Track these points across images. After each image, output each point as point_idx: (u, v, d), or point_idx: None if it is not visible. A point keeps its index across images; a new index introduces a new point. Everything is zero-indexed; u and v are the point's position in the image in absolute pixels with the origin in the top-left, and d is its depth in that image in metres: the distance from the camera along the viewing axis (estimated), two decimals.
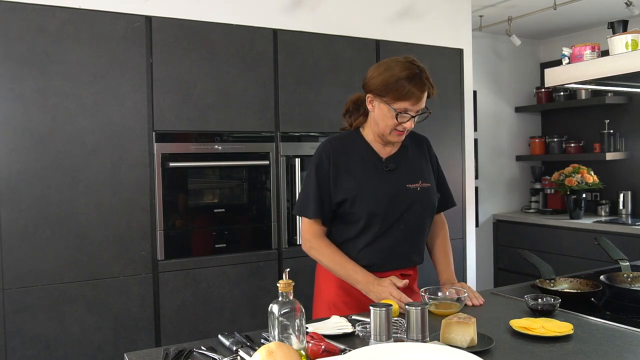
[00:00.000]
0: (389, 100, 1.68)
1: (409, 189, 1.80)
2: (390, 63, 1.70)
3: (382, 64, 1.72)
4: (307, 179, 1.82)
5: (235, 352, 1.32)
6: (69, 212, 2.34)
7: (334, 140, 1.84)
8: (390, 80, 1.66)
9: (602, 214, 4.29)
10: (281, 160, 2.81)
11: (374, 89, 1.71)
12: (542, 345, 1.35)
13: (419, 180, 1.82)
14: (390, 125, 1.72)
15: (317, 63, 2.91)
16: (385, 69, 1.69)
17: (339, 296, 1.81)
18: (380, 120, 1.74)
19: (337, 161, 1.78)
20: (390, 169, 1.80)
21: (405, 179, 1.81)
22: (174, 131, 2.55)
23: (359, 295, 1.76)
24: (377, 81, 1.70)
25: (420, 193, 1.81)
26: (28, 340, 2.27)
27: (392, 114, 1.69)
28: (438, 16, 3.46)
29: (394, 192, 1.77)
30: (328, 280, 1.84)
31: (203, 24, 2.62)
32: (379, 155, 1.82)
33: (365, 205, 1.75)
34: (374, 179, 1.78)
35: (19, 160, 2.26)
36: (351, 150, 1.81)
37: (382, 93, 1.69)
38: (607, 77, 1.97)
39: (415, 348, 1.17)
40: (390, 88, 1.67)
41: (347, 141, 1.83)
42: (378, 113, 1.73)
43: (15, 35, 2.24)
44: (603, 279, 1.86)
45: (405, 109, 1.69)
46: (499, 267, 4.63)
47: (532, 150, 4.79)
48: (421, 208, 1.82)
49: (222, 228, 2.66)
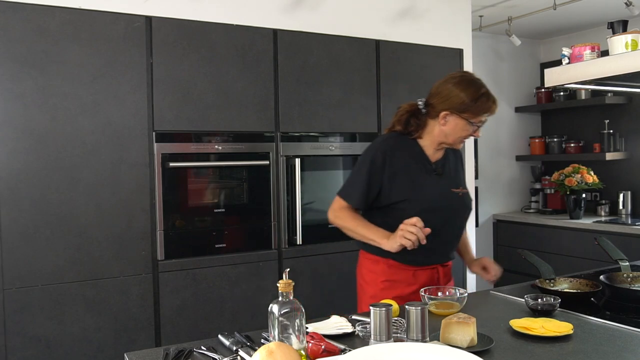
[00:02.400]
0: (469, 116, 1.84)
1: (453, 193, 1.94)
2: (462, 84, 1.85)
3: (453, 88, 1.85)
4: (358, 168, 1.92)
5: (235, 352, 1.32)
6: (69, 212, 2.34)
7: (391, 139, 1.95)
8: (470, 100, 1.83)
9: (602, 214, 4.29)
10: (281, 160, 2.81)
11: (453, 107, 1.84)
12: (542, 345, 1.35)
13: (459, 186, 1.98)
14: (463, 136, 1.89)
15: (317, 63, 2.91)
16: (461, 90, 1.84)
17: (383, 290, 1.90)
18: (452, 133, 1.88)
19: (393, 160, 1.89)
20: (438, 173, 1.94)
21: (451, 183, 1.95)
22: (174, 131, 2.55)
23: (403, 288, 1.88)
24: (456, 101, 1.84)
25: (462, 198, 1.96)
26: (28, 340, 2.27)
27: (469, 127, 1.86)
28: (438, 16, 3.46)
29: (443, 195, 1.91)
30: (372, 274, 1.95)
31: (203, 24, 2.62)
32: (429, 160, 1.94)
33: (417, 205, 1.85)
34: (426, 181, 1.90)
35: (19, 160, 2.26)
36: (406, 151, 1.93)
37: (463, 110, 1.84)
38: (607, 77, 1.97)
39: (415, 348, 1.17)
40: (471, 106, 1.83)
41: (403, 143, 1.95)
42: (452, 127, 1.87)
43: (15, 35, 2.24)
44: (603, 279, 1.86)
45: (480, 121, 1.87)
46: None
47: (532, 150, 4.79)
48: (463, 211, 1.97)
49: (222, 228, 2.66)
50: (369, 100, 3.07)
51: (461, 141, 1.92)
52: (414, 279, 1.90)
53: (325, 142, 2.95)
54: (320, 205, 2.95)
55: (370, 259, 1.95)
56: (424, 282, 1.90)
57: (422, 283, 1.90)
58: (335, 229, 1.97)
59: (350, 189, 1.92)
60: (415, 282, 1.89)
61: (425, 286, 1.85)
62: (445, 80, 1.90)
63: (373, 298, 1.90)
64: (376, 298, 1.87)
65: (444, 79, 1.92)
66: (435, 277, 1.94)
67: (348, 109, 3.00)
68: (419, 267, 1.90)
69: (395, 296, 1.84)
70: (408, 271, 1.90)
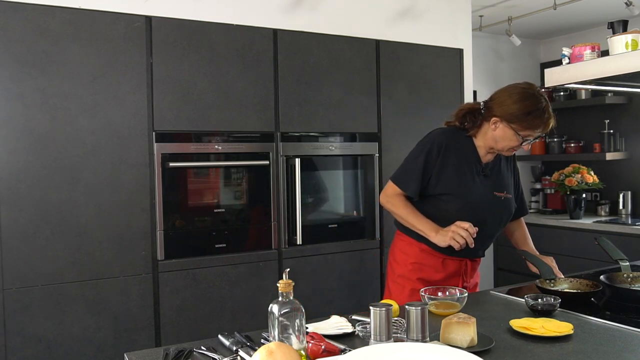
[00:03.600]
0: (518, 128, 1.86)
1: (495, 196, 1.99)
2: (522, 95, 1.86)
3: (513, 95, 1.87)
4: (414, 157, 1.98)
5: (235, 352, 1.32)
6: (69, 212, 2.34)
7: (449, 133, 2.00)
8: (523, 112, 1.84)
9: (602, 214, 4.29)
10: (281, 160, 2.81)
11: (503, 115, 1.87)
12: (542, 345, 1.35)
13: (504, 191, 2.03)
14: (511, 146, 1.91)
15: (317, 63, 2.91)
16: (518, 99, 1.85)
17: (411, 272, 2.00)
18: (501, 140, 1.91)
19: (446, 154, 1.95)
20: (485, 175, 1.99)
21: (495, 186, 2.01)
22: (174, 131, 2.55)
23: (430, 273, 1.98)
24: (509, 110, 1.86)
25: (504, 202, 2.02)
26: (28, 340, 2.27)
27: (516, 138, 1.88)
28: (438, 16, 3.46)
29: (485, 196, 1.97)
30: (403, 255, 2.04)
31: (203, 24, 2.62)
32: (481, 160, 2.00)
33: (459, 200, 1.93)
34: (472, 180, 1.96)
35: (19, 160, 2.26)
36: (460, 147, 1.98)
37: (512, 121, 1.86)
38: (607, 77, 1.97)
39: (415, 348, 1.17)
40: (521, 119, 1.85)
41: (459, 138, 2.00)
42: (501, 134, 1.91)
43: (15, 35, 2.24)
44: (603, 279, 1.86)
45: (529, 136, 1.88)
46: (499, 267, 4.62)
47: (532, 150, 4.78)
48: (501, 215, 2.03)
49: (222, 228, 2.66)
50: (369, 100, 3.07)
51: (510, 150, 1.94)
52: (442, 266, 1.99)
53: (325, 142, 2.95)
54: (320, 205, 2.95)
55: (405, 240, 2.04)
56: (451, 272, 2.00)
57: (450, 272, 1.99)
58: (336, 229, 1.98)
59: (406, 177, 1.98)
60: (443, 270, 1.99)
61: (452, 275, 1.99)
62: (508, 86, 1.94)
63: (401, 277, 2.02)
64: (403, 277, 2.01)
65: (508, 85, 1.94)
66: (463, 270, 2.02)
67: (348, 109, 3.00)
68: (449, 257, 1.98)
69: (421, 278, 1.98)
70: (438, 258, 1.99)
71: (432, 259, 1.99)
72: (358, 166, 3.07)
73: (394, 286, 2.06)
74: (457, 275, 2.01)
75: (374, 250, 3.08)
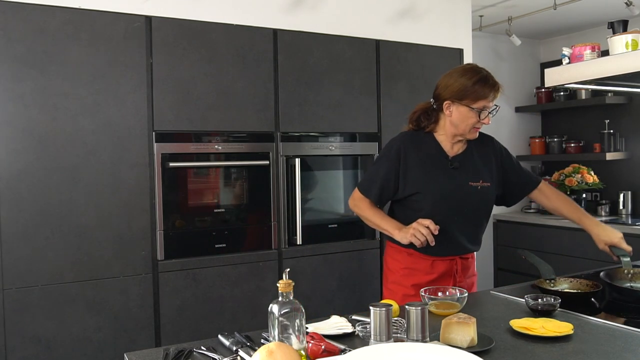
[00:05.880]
0: (469, 102, 1.90)
1: (470, 186, 1.99)
2: (461, 71, 1.94)
3: (452, 74, 1.95)
4: (377, 163, 2.06)
5: (235, 352, 1.32)
6: (69, 212, 2.34)
7: (406, 136, 2.05)
8: (467, 84, 1.89)
9: (602, 214, 4.29)
10: (281, 160, 2.81)
11: (451, 96, 1.92)
12: (542, 345, 1.35)
13: (479, 180, 2.01)
14: (471, 124, 1.93)
15: (317, 63, 2.91)
16: (458, 76, 1.92)
17: (403, 277, 2.03)
18: (460, 122, 1.94)
19: (407, 155, 1.99)
20: (454, 167, 1.99)
21: (468, 177, 2.00)
22: (174, 131, 2.55)
23: (421, 277, 1.99)
24: (454, 88, 1.92)
25: (480, 191, 2.00)
26: (28, 340, 2.27)
27: (472, 114, 1.91)
28: (438, 16, 3.46)
29: (458, 188, 1.97)
30: (394, 262, 2.07)
31: (203, 24, 2.62)
32: (446, 154, 2.01)
33: (430, 197, 1.95)
34: (439, 175, 1.97)
35: (19, 160, 2.26)
36: (422, 147, 2.01)
37: (460, 97, 1.91)
38: (607, 77, 1.97)
39: (415, 348, 1.17)
40: (468, 91, 1.89)
41: (419, 138, 2.03)
42: (457, 116, 1.93)
43: (15, 35, 2.24)
44: (603, 276, 1.86)
45: (484, 107, 1.90)
46: (499, 267, 4.62)
47: (532, 150, 4.78)
48: (479, 204, 2.02)
49: (222, 228, 2.66)
50: (369, 100, 3.07)
51: (473, 130, 1.95)
52: (431, 268, 2.00)
53: (325, 142, 2.95)
54: (320, 205, 2.95)
55: (394, 247, 2.06)
56: (441, 272, 2.00)
57: (440, 273, 2.00)
58: (335, 229, 1.99)
59: (368, 183, 2.05)
60: (433, 272, 1.99)
61: (443, 276, 2.00)
62: (448, 72, 1.98)
63: (394, 284, 2.05)
64: (397, 284, 2.04)
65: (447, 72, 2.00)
66: (454, 269, 2.02)
67: (348, 109, 3.00)
68: (437, 258, 1.99)
69: (414, 284, 1.98)
70: (427, 261, 2.00)
71: (421, 262, 2.00)
72: (358, 166, 3.07)
73: (387, 293, 2.09)
74: (449, 275, 2.00)
75: (374, 250, 3.08)
